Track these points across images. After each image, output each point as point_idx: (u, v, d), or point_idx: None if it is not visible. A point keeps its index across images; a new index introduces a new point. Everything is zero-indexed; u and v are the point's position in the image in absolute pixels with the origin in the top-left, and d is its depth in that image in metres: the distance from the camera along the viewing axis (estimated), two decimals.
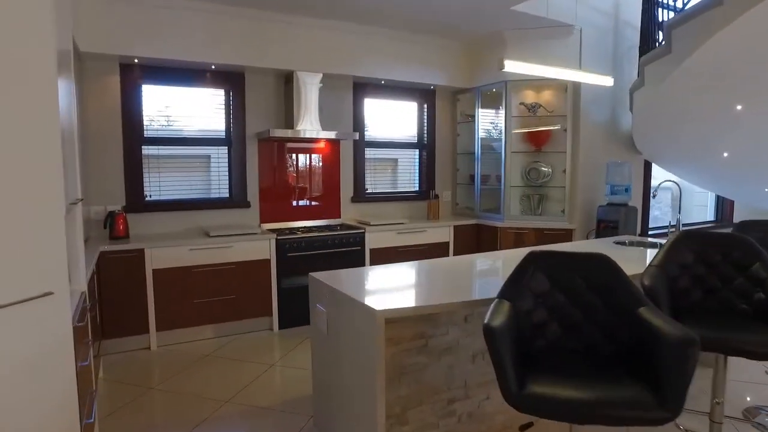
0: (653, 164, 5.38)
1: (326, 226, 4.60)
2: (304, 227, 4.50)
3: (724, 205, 6.50)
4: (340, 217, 4.85)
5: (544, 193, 4.93)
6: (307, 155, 4.64)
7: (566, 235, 4.67)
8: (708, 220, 6.58)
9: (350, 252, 4.34)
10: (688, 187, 7.00)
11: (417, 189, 5.44)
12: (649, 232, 5.55)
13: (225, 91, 4.26)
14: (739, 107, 3.69)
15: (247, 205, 4.35)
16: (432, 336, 2.12)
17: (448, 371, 2.18)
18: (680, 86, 3.51)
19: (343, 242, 4.29)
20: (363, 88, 4.88)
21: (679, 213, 3.39)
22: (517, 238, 4.77)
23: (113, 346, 3.51)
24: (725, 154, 4.53)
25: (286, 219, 4.56)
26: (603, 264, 1.81)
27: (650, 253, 3.03)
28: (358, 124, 4.89)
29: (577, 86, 4.55)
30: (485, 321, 1.58)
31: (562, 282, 1.82)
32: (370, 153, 5.04)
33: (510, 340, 1.58)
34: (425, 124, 5.35)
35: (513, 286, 1.81)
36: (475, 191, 5.23)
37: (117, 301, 3.45)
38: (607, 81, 3.76)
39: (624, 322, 1.73)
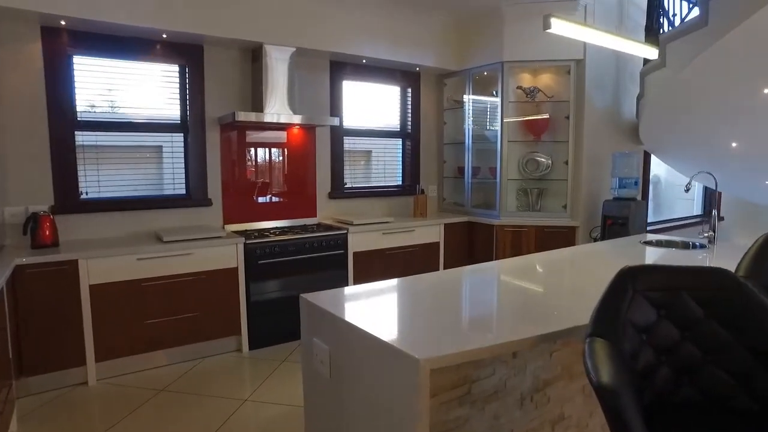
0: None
1: (302, 226, 3.97)
2: (277, 228, 3.86)
3: (711, 199, 6.30)
4: (316, 216, 4.23)
5: (543, 187, 4.48)
6: (279, 144, 3.99)
7: (569, 233, 4.24)
8: (695, 214, 6.38)
9: (331, 257, 3.74)
10: (670, 181, 6.79)
11: (400, 183, 4.88)
12: (648, 228, 5.22)
13: (180, 67, 3.55)
14: (766, 91, 3.33)
15: (208, 203, 3.67)
16: (476, 380, 1.57)
17: (494, 423, 1.64)
18: (712, 66, 3.11)
19: (323, 245, 3.68)
20: (341, 68, 4.27)
21: (715, 209, 2.99)
22: (515, 237, 4.31)
23: (37, 384, 2.78)
24: (734, 144, 4.21)
25: (255, 219, 3.90)
26: (725, 282, 1.31)
27: (707, 258, 2.60)
28: (336, 110, 4.28)
29: (580, 69, 4.11)
30: (595, 377, 1.05)
31: (674, 310, 1.31)
32: (349, 143, 4.44)
33: (634, 400, 1.05)
34: (409, 111, 4.79)
35: (607, 318, 1.28)
36: (466, 185, 4.72)
37: (41, 326, 2.72)
38: (653, 53, 3.29)
39: (765, 364, 1.24)
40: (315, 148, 4.18)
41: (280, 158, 4.00)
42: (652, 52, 3.27)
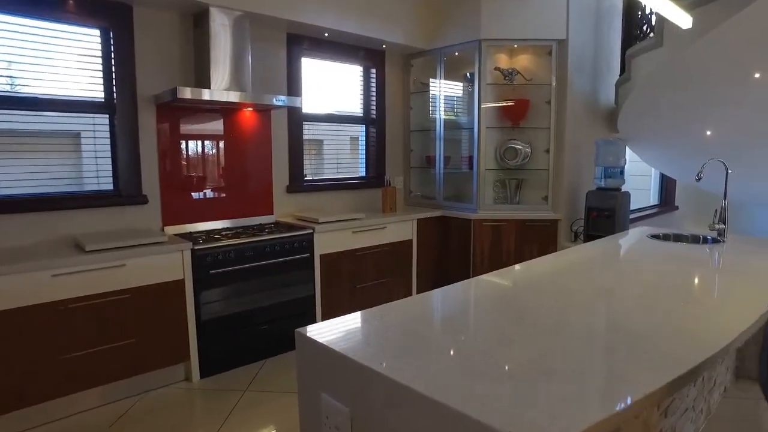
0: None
1: (258, 226, 3.39)
2: (228, 230, 3.25)
3: (668, 189, 6.33)
4: (273, 213, 3.66)
5: (522, 178, 4.16)
6: (229, 129, 3.37)
7: (551, 227, 3.95)
8: (651, 204, 6.38)
9: (295, 261, 3.20)
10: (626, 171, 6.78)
11: (364, 174, 4.39)
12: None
13: (102, 30, 2.85)
14: (757, 75, 3.17)
15: (142, 200, 3.00)
16: None
17: None
18: (717, 46, 2.87)
19: (285, 248, 3.14)
20: (300, 43, 3.70)
21: (724, 199, 2.77)
22: (495, 232, 3.96)
23: None
24: (708, 132, 4.10)
25: (201, 219, 3.27)
26: None
27: (730, 253, 2.34)
28: (294, 91, 3.71)
29: (563, 49, 3.81)
30: None
31: None
32: (308, 129, 3.89)
33: None
34: (373, 95, 4.30)
35: None
36: (437, 176, 4.32)
37: None
38: (686, 19, 2.94)
39: None
40: (270, 134, 3.59)
41: (231, 146, 3.38)
42: (685, 18, 2.86)
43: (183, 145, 3.15)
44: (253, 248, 2.98)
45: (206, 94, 2.81)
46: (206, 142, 3.27)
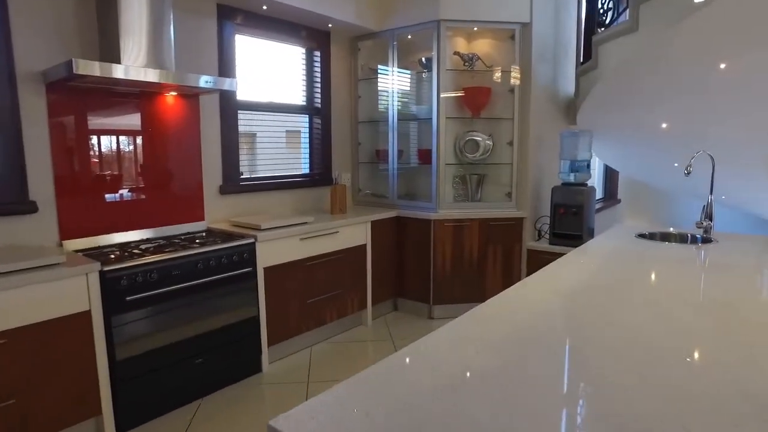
0: None
1: (187, 236, 2.80)
2: (148, 242, 2.64)
3: (611, 182, 6.36)
4: (204, 219, 3.07)
5: (483, 173, 3.85)
6: (146, 117, 2.74)
7: (516, 226, 3.67)
8: (597, 198, 6.38)
9: (235, 278, 2.65)
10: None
11: (308, 171, 3.89)
12: None
13: None
14: (723, 66, 3.04)
15: (30, 208, 2.32)
16: None
17: None
18: (694, 33, 2.68)
19: (222, 263, 2.58)
20: (232, 16, 3.12)
21: (710, 194, 2.58)
22: (457, 233, 3.62)
23: None
24: (664, 125, 4.01)
25: (112, 229, 2.63)
26: None
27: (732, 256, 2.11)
28: (227, 73, 3.13)
29: (526, 34, 3.52)
30: None
31: None
32: (244, 120, 3.32)
33: None
34: (317, 81, 3.80)
35: None
36: (390, 173, 3.90)
37: None
38: None
39: None
40: (199, 124, 2.99)
41: (151, 138, 2.75)
42: None
43: (88, 137, 2.49)
44: (182, 265, 2.40)
45: (116, 71, 2.18)
46: (119, 134, 2.62)
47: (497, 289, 3.72)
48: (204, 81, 2.53)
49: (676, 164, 5.01)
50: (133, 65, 2.36)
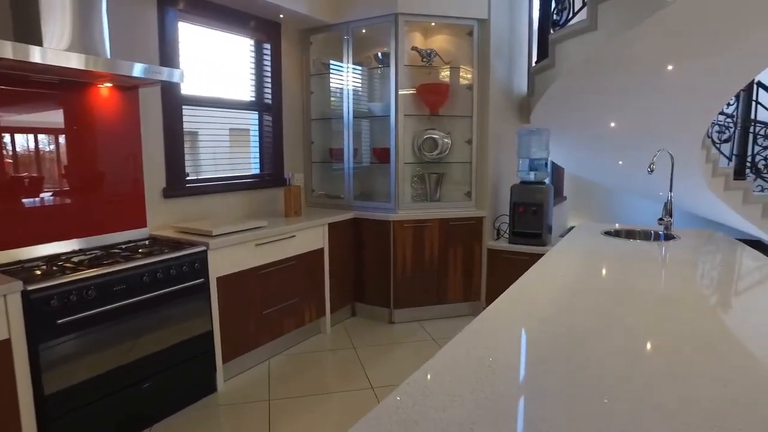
0: None
1: (128, 245, 2.50)
2: (83, 253, 2.32)
3: (558, 180, 6.52)
4: (146, 226, 2.76)
5: (442, 172, 3.76)
6: (79, 111, 2.40)
7: (477, 225, 3.62)
8: None
9: (185, 291, 2.38)
10: None
11: (258, 172, 3.64)
12: None
13: None
14: (670, 67, 3.13)
15: None
16: None
17: None
18: (653, 33, 2.72)
19: (171, 275, 2.31)
20: (175, 1, 2.82)
21: (670, 191, 2.62)
22: (417, 234, 3.52)
23: None
24: (612, 124, 4.11)
25: (39, 239, 2.28)
26: None
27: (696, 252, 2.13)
28: (169, 63, 2.83)
29: (484, 30, 3.47)
30: None
31: None
32: (188, 116, 3.03)
33: None
34: (267, 75, 3.56)
35: None
36: (346, 172, 3.74)
37: None
38: None
39: None
40: (139, 120, 2.68)
41: (83, 135, 2.42)
42: None
43: (0, 134, 2.14)
44: (125, 279, 2.11)
45: (33, 54, 1.87)
46: (40, 130, 2.28)
47: (458, 291, 3.66)
48: (141, 70, 2.24)
49: (620, 162, 5.19)
50: (55, 49, 2.04)
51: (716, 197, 4.38)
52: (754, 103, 4.77)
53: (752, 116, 4.82)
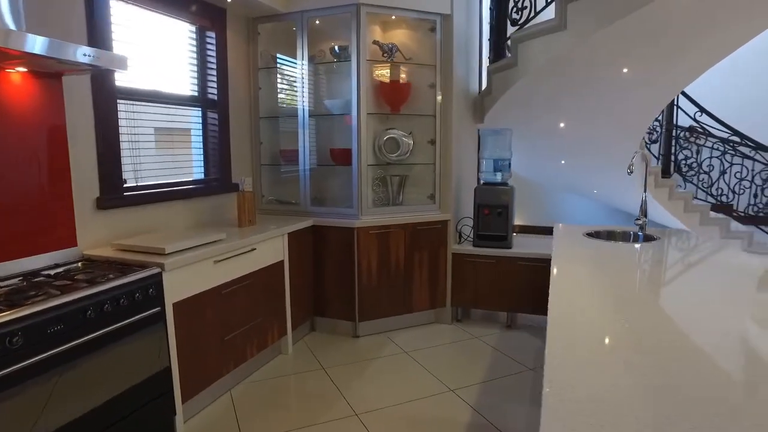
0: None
1: (55, 271, 2.02)
2: None
3: None
4: (76, 244, 2.27)
5: (405, 174, 3.58)
6: None
7: (442, 230, 3.48)
8: None
9: (138, 324, 1.97)
10: None
11: (203, 176, 3.22)
12: None
13: None
14: (625, 70, 3.21)
15: None
16: None
17: None
18: (618, 34, 2.73)
19: (121, 306, 1.89)
20: None
21: (645, 191, 2.65)
22: (382, 241, 3.31)
23: None
24: (561, 125, 4.19)
25: None
26: None
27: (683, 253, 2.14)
28: (100, 46, 2.35)
29: (447, 26, 3.32)
30: None
31: None
32: (123, 112, 2.56)
33: None
34: (212, 67, 3.15)
35: None
36: (302, 176, 3.43)
37: None
38: None
39: None
40: (64, 115, 2.20)
41: None
42: None
43: None
44: (62, 317, 1.68)
45: None
46: None
47: (424, 298, 3.50)
48: (72, 52, 1.80)
49: (563, 161, 5.35)
50: None
51: (650, 195, 4.63)
52: (675, 108, 5.15)
53: (674, 121, 5.19)
